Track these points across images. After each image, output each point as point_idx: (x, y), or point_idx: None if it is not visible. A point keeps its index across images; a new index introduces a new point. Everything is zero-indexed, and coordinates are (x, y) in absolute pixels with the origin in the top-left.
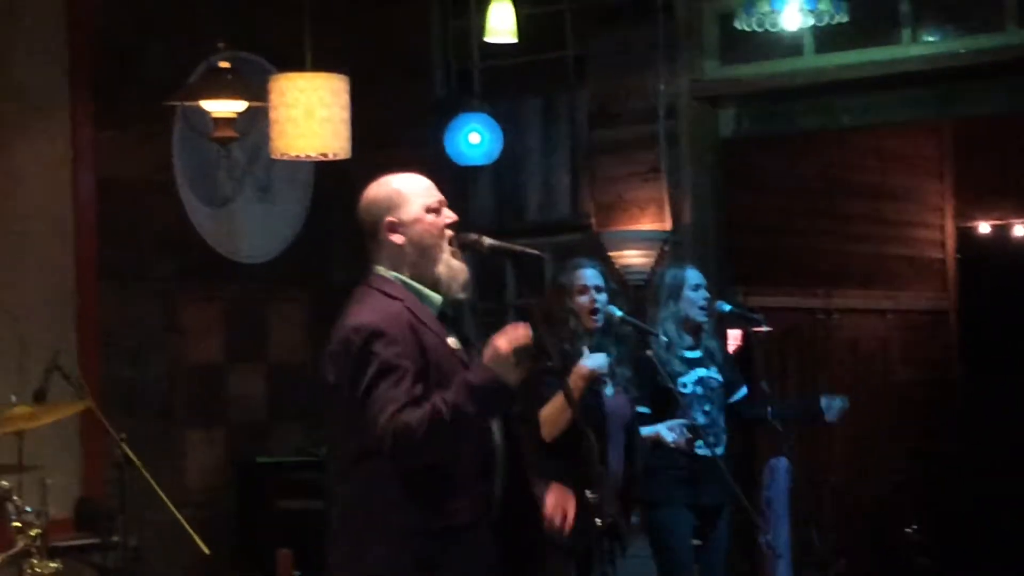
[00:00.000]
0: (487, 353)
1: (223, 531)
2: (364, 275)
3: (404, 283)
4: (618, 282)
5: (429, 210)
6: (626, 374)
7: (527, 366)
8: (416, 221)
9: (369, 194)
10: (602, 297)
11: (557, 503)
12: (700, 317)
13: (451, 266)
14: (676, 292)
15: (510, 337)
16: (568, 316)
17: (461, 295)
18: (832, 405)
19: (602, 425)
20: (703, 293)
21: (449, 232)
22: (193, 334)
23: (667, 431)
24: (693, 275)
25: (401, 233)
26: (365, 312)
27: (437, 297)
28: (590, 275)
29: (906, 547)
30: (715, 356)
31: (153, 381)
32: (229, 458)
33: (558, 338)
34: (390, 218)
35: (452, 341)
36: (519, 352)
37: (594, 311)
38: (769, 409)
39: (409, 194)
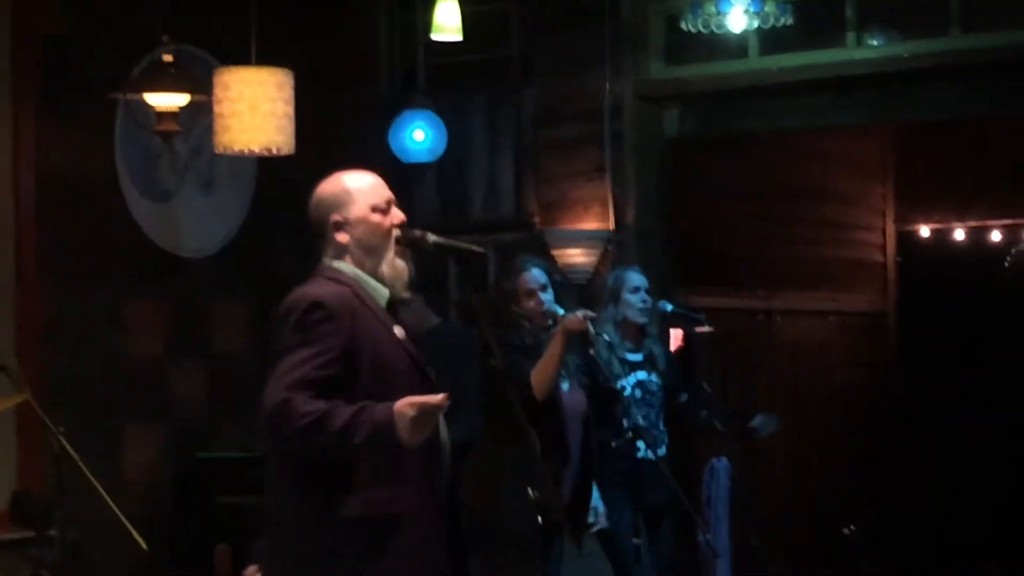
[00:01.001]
0: (401, 408)
1: (162, 527)
2: (314, 269)
3: (353, 273)
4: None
5: (376, 209)
6: (576, 362)
7: (418, 432)
8: (362, 221)
9: (318, 191)
10: (548, 296)
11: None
12: (638, 319)
13: (395, 266)
14: (616, 294)
15: (418, 404)
16: (521, 320)
17: (405, 295)
18: (765, 425)
19: (561, 421)
20: (642, 296)
21: (396, 232)
22: (135, 329)
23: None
24: (634, 277)
25: (347, 232)
26: (310, 288)
27: (384, 289)
28: (535, 276)
29: (845, 548)
30: (657, 362)
31: (94, 375)
32: (170, 454)
33: (518, 337)
34: (336, 216)
35: (398, 331)
36: (420, 420)
37: (545, 313)
38: (704, 413)
39: (356, 193)
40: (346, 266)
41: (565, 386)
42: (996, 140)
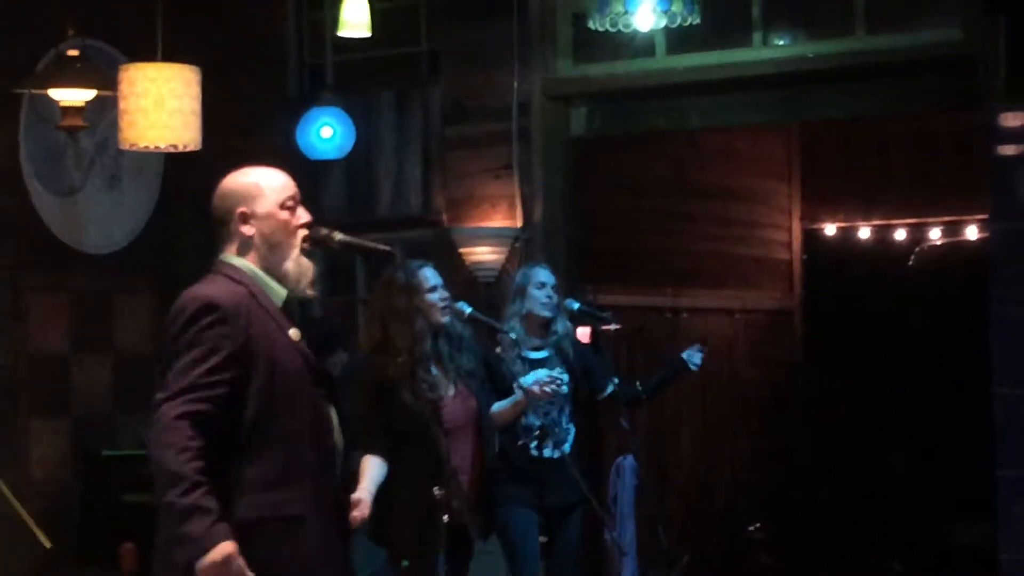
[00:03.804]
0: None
1: (66, 524)
2: (211, 265)
3: (251, 271)
4: (468, 279)
5: (284, 207)
6: (464, 367)
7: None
8: (269, 216)
9: (227, 182)
10: (446, 294)
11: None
12: (542, 312)
13: (300, 264)
14: (522, 289)
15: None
16: (416, 315)
17: (308, 293)
18: (692, 356)
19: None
20: (548, 292)
21: (302, 232)
22: (38, 323)
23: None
24: (540, 273)
25: (253, 225)
26: (204, 287)
27: (282, 290)
28: (432, 274)
29: (749, 545)
30: (568, 357)
31: None
32: (73, 450)
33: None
34: (243, 208)
35: (294, 333)
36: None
37: (444, 309)
38: (639, 385)
39: (267, 188)
40: (244, 263)
41: (450, 392)
42: (899, 139)
